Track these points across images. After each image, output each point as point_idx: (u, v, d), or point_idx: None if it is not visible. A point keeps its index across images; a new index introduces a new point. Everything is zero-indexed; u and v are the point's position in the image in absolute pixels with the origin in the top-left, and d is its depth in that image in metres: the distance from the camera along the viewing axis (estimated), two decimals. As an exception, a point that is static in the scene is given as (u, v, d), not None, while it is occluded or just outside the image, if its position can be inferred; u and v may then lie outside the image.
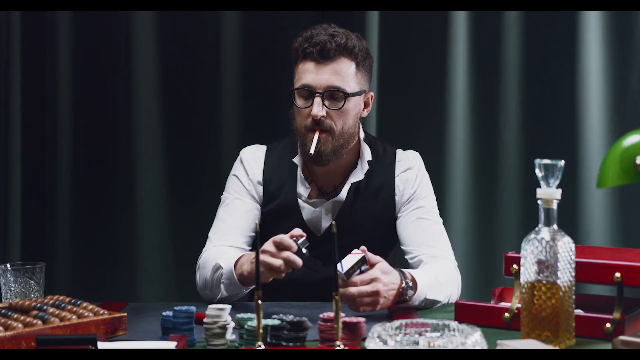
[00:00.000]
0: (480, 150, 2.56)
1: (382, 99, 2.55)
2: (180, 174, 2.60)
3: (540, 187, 1.35)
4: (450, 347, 1.20)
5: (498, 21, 2.52)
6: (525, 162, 2.52)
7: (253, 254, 1.74)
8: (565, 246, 1.34)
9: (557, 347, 1.32)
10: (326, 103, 1.81)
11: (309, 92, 1.82)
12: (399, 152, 1.99)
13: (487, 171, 2.56)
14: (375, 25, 2.51)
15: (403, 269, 1.68)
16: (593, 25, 2.45)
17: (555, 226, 1.35)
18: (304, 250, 1.58)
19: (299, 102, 1.85)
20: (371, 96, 1.93)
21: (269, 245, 1.60)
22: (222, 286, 1.77)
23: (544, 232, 1.35)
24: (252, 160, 1.98)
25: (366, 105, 1.92)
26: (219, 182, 2.44)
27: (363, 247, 1.61)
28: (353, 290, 1.56)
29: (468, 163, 2.54)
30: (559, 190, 1.34)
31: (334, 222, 1.29)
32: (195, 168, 2.60)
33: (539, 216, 1.36)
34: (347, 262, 1.57)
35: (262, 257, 1.58)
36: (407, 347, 1.20)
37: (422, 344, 1.22)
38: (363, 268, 1.60)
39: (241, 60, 2.57)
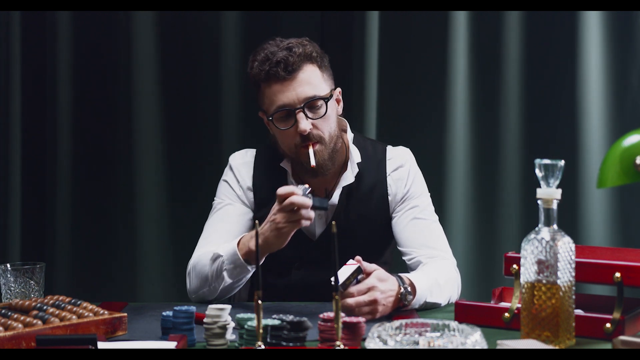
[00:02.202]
0: (480, 150, 2.56)
1: (382, 99, 2.54)
2: (180, 173, 2.60)
3: (540, 187, 1.35)
4: (450, 347, 1.20)
5: (498, 21, 2.52)
6: (525, 162, 2.52)
7: (253, 232, 1.72)
8: (565, 246, 1.34)
9: (557, 347, 1.32)
10: (309, 115, 1.78)
11: (287, 112, 1.78)
12: (389, 149, 1.96)
13: (487, 171, 2.56)
14: (375, 25, 2.51)
15: (401, 274, 1.67)
16: (593, 25, 2.46)
17: (555, 226, 1.35)
18: (309, 197, 1.62)
19: (281, 125, 1.80)
20: (339, 92, 1.90)
21: (275, 206, 1.65)
22: (224, 273, 1.74)
23: (544, 232, 1.35)
24: (241, 166, 1.95)
25: (338, 102, 1.89)
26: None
27: (358, 257, 1.59)
28: (351, 301, 1.55)
29: (468, 163, 2.55)
30: (559, 190, 1.34)
31: (334, 223, 1.28)
32: (195, 168, 2.60)
33: (539, 216, 1.36)
34: (342, 274, 1.55)
35: (276, 217, 1.64)
36: (407, 347, 1.20)
37: (422, 344, 1.22)
38: (359, 277, 1.58)
39: (241, 60, 2.56)
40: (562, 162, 1.34)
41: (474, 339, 1.22)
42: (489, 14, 2.52)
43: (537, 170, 1.34)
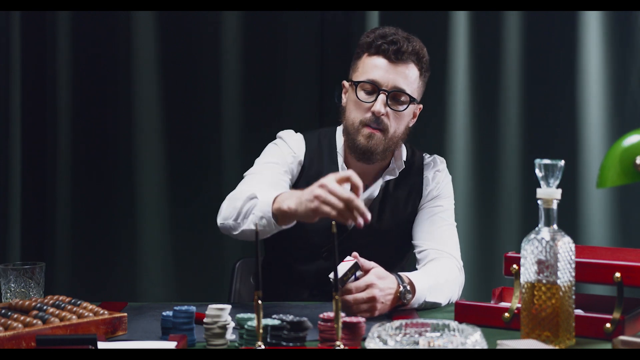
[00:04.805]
0: (480, 150, 2.56)
1: (382, 99, 2.54)
2: (180, 173, 2.60)
3: (540, 187, 1.35)
4: (450, 347, 1.20)
5: (498, 21, 2.52)
6: (525, 162, 2.53)
7: (298, 191, 1.54)
8: (565, 246, 1.34)
9: (557, 347, 1.32)
10: (389, 103, 1.80)
11: (374, 88, 1.81)
12: (426, 156, 2.00)
13: (487, 171, 2.56)
14: (375, 26, 2.51)
15: (400, 273, 1.67)
16: (593, 25, 2.46)
17: (555, 226, 1.35)
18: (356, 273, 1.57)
19: (361, 95, 1.82)
20: (420, 108, 1.93)
21: (329, 181, 1.44)
22: (251, 216, 1.64)
23: (544, 232, 1.35)
24: (293, 141, 1.93)
25: (414, 115, 1.92)
26: (219, 182, 2.43)
27: (355, 254, 1.60)
28: (349, 297, 1.55)
29: (468, 163, 2.55)
30: (559, 190, 1.34)
31: (333, 223, 1.29)
32: (195, 168, 2.60)
33: (539, 216, 1.36)
34: (340, 270, 1.55)
35: (320, 191, 1.45)
36: (407, 347, 1.20)
37: (422, 344, 1.22)
38: (358, 274, 1.58)
39: (241, 60, 2.57)
40: (562, 162, 1.34)
41: (474, 339, 1.22)
42: (489, 14, 2.52)
43: (537, 170, 1.34)
